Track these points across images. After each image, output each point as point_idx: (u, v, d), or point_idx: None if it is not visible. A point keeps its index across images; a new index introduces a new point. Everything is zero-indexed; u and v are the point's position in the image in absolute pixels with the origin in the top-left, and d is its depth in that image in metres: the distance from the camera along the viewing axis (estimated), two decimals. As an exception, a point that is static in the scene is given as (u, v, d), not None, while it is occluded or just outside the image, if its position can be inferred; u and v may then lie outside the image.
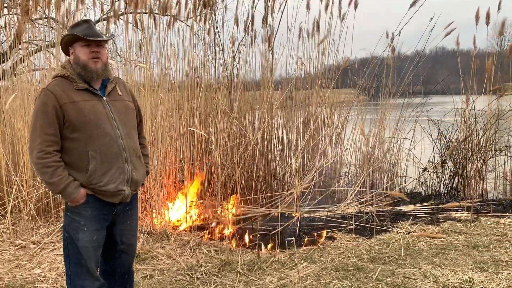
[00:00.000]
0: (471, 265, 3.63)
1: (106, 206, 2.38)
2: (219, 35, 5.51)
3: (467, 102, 5.88)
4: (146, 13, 5.04)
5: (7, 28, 5.37)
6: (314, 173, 5.19)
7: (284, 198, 5.07)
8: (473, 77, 5.91)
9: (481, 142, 5.84)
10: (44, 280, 3.48)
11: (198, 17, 5.35)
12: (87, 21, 2.37)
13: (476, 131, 5.87)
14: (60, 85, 2.28)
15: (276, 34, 5.49)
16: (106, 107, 2.35)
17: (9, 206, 4.36)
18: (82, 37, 2.27)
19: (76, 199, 2.27)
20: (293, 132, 5.91)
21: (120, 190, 2.35)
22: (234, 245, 4.21)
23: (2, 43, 5.80)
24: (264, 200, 5.22)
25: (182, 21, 5.35)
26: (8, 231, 4.39)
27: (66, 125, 2.26)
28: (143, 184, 2.65)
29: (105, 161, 2.30)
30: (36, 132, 2.23)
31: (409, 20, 5.44)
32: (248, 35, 5.55)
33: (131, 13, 5.04)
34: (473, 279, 3.31)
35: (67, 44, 2.38)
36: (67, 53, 2.43)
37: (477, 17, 5.72)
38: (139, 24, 4.93)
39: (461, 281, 3.29)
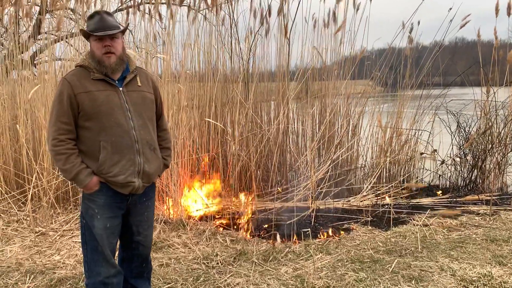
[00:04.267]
0: (490, 259, 3.58)
1: (119, 195, 2.40)
2: (235, 25, 5.49)
3: (487, 94, 5.76)
4: (164, 3, 5.04)
5: (28, 19, 5.43)
6: (330, 164, 5.16)
7: (299, 190, 5.06)
8: (494, 68, 5.78)
9: (502, 134, 5.72)
10: (63, 266, 3.55)
11: (213, 7, 5.33)
12: (98, 13, 2.36)
13: (497, 123, 5.75)
14: (77, 74, 2.33)
15: (292, 24, 5.45)
16: (121, 98, 2.35)
17: (29, 193, 4.45)
18: (91, 33, 2.29)
19: (88, 185, 2.31)
20: (308, 123, 5.88)
21: (130, 182, 2.36)
22: (249, 235, 4.23)
23: (22, 33, 5.88)
24: (279, 191, 5.22)
25: (198, 11, 5.34)
26: (28, 218, 4.49)
27: (80, 114, 2.30)
28: (159, 176, 2.65)
29: (116, 152, 2.31)
30: (52, 120, 2.30)
31: (426, 11, 5.35)
32: (263, 25, 5.52)
33: (147, 3, 5.05)
34: (491, 273, 3.26)
35: (86, 38, 2.43)
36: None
37: (496, 9, 5.61)
38: (156, 15, 4.93)
39: (479, 275, 3.25)
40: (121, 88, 2.37)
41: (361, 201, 5.10)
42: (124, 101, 2.35)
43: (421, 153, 6.11)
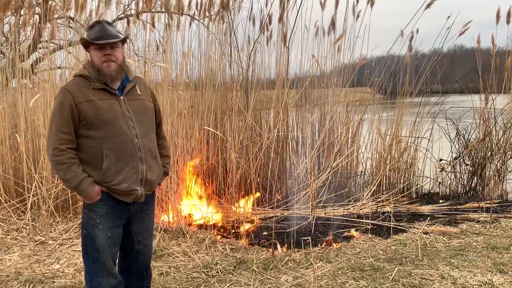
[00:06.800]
0: (490, 267, 3.57)
1: (121, 205, 2.40)
2: (234, 34, 5.52)
3: (486, 101, 5.78)
4: (164, 12, 5.07)
5: (28, 28, 5.45)
6: (329, 172, 5.16)
7: (299, 198, 5.05)
8: (493, 76, 5.81)
9: (501, 141, 5.73)
10: (63, 275, 3.53)
11: (214, 17, 5.37)
12: (99, 22, 2.40)
13: (496, 131, 5.76)
14: (78, 84, 2.33)
15: (292, 32, 5.48)
16: (123, 106, 2.37)
17: (29, 202, 4.45)
18: (91, 42, 2.31)
19: (90, 195, 2.30)
20: (308, 131, 5.89)
21: (133, 190, 2.37)
22: (249, 243, 4.22)
23: (22, 42, 5.91)
24: (279, 199, 5.21)
25: (198, 20, 5.37)
26: (28, 227, 4.48)
27: (82, 123, 2.29)
28: (159, 184, 2.65)
29: (120, 160, 2.32)
30: (52, 130, 2.30)
31: (426, 18, 5.37)
32: (264, 34, 5.56)
33: (145, 12, 5.07)
34: (492, 281, 3.25)
35: (85, 47, 2.44)
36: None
37: (497, 16, 5.66)
38: (156, 24, 4.96)
39: (480, 283, 3.24)
40: (121, 97, 2.39)
41: (361, 209, 5.09)
42: (126, 110, 2.37)
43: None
